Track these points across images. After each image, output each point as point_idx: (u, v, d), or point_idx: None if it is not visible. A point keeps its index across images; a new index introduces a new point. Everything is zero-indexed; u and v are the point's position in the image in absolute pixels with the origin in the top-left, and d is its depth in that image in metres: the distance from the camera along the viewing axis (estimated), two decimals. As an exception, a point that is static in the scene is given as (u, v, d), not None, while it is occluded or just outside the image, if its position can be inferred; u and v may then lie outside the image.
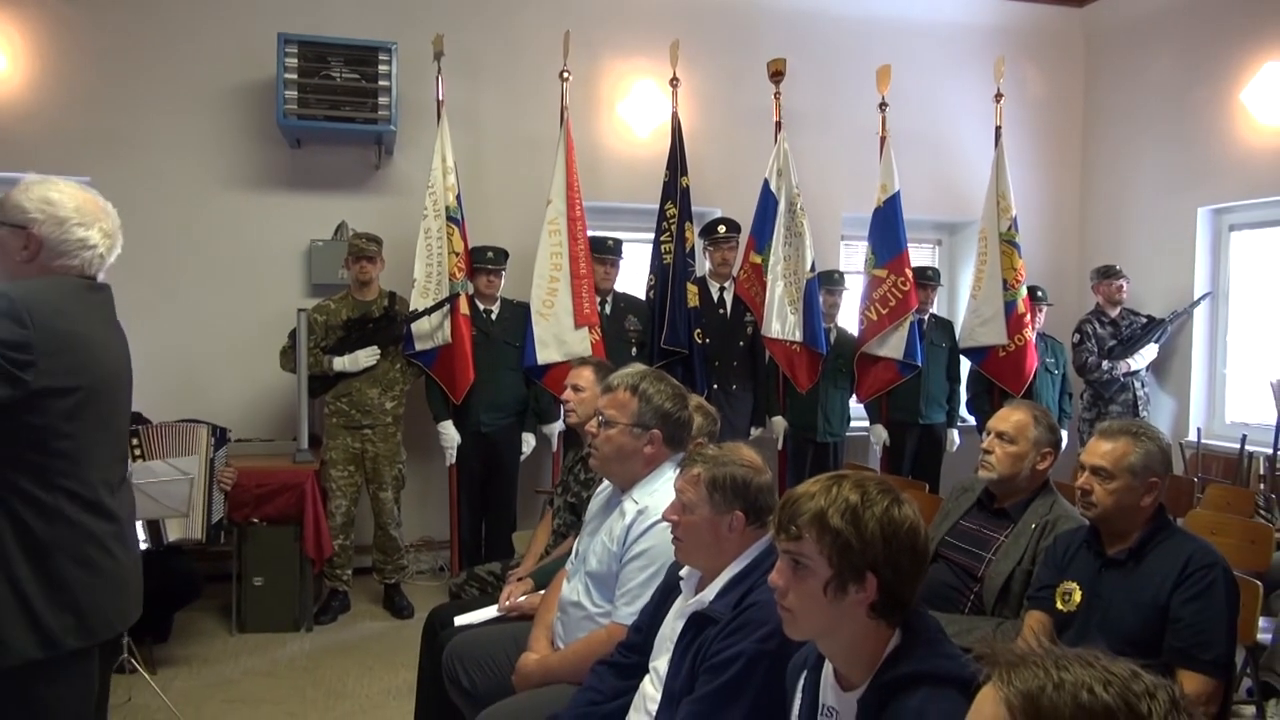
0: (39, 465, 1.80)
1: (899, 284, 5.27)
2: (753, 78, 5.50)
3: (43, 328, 1.77)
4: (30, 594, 1.78)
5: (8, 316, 1.74)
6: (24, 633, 1.77)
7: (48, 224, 1.89)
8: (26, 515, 1.79)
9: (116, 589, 1.94)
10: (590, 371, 3.14)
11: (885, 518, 1.41)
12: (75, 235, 1.91)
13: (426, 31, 4.88)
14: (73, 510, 1.84)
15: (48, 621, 1.79)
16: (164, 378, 4.71)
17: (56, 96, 4.80)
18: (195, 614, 4.36)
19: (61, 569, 1.82)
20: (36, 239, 1.88)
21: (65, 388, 1.81)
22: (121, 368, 2.04)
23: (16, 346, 1.73)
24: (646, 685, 2.03)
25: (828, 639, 1.48)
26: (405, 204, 5.07)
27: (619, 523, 2.39)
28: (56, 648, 1.80)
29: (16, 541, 1.78)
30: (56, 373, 1.79)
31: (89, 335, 1.90)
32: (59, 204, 1.91)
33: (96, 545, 1.89)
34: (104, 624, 1.90)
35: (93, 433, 1.89)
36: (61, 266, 1.91)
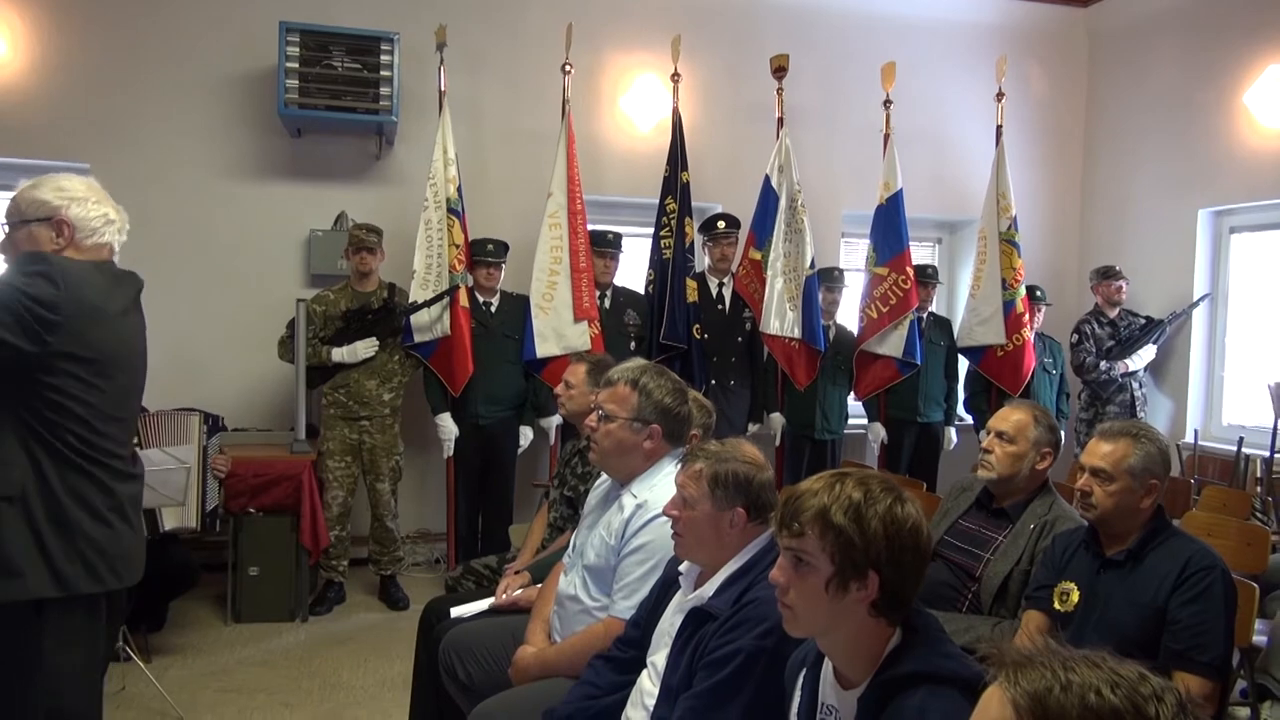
0: (60, 423, 1.93)
1: (900, 282, 5.26)
2: (755, 73, 5.49)
3: (73, 294, 1.90)
4: (46, 535, 1.93)
5: (43, 277, 1.88)
6: (40, 571, 1.92)
7: (72, 206, 2.02)
8: (45, 462, 1.93)
9: (123, 547, 2.05)
10: (584, 369, 3.14)
11: (888, 516, 1.41)
12: (99, 211, 2.05)
13: (429, 22, 4.86)
14: (89, 466, 1.98)
15: (60, 563, 1.94)
16: (162, 366, 4.64)
17: (56, 83, 4.78)
18: (190, 603, 4.35)
19: (75, 519, 1.96)
20: (68, 223, 2.01)
21: (83, 356, 1.94)
22: (137, 357, 2.15)
23: (48, 305, 1.86)
24: (644, 680, 2.03)
25: (828, 636, 1.48)
26: (406, 195, 5.06)
27: (617, 517, 2.38)
28: (68, 587, 1.94)
29: (36, 488, 1.92)
30: (77, 339, 1.92)
31: (112, 313, 2.02)
32: (72, 189, 2.04)
33: (108, 504, 2.02)
34: (111, 573, 2.02)
35: (107, 404, 2.00)
36: (94, 246, 2.05)
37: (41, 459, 1.92)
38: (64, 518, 1.94)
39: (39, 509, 1.92)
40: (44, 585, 1.92)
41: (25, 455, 1.91)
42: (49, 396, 1.91)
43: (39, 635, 1.94)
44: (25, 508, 1.91)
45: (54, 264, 1.91)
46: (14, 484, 1.90)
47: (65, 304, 1.88)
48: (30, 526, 1.91)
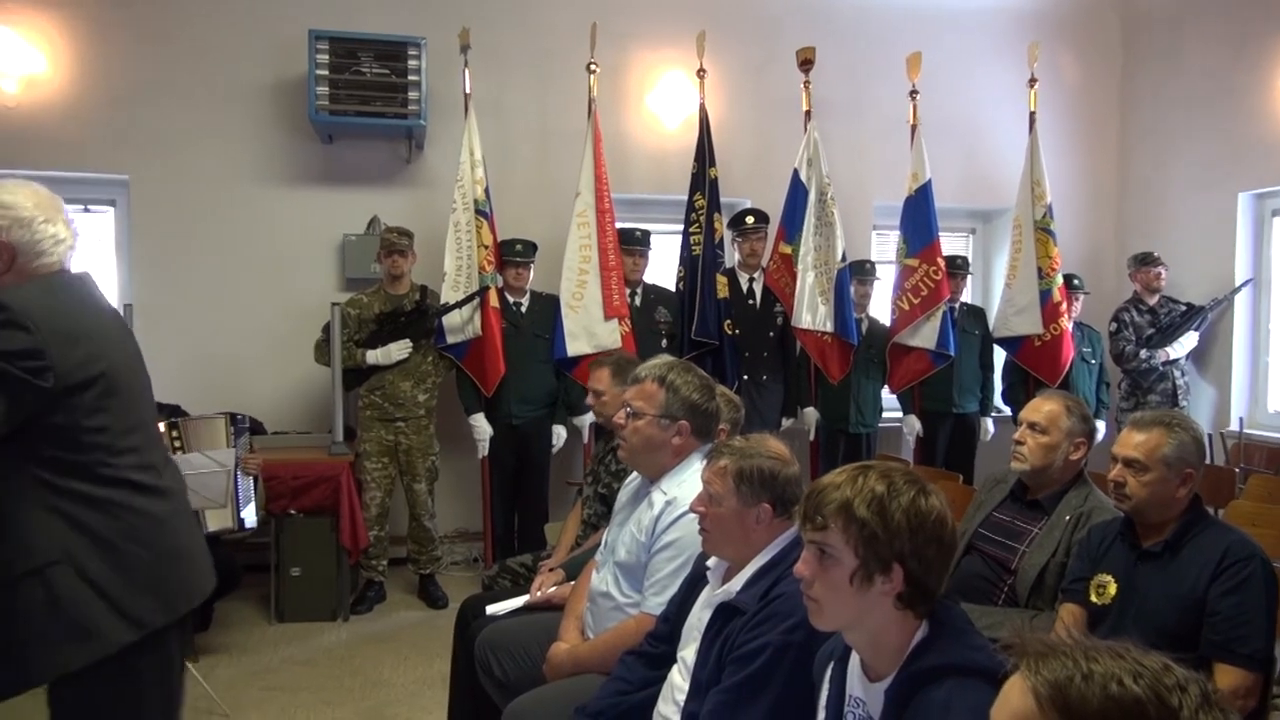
0: (78, 462, 1.81)
1: (931, 273, 5.22)
2: (781, 67, 5.47)
3: (46, 328, 1.74)
4: (107, 585, 1.82)
5: (11, 326, 1.71)
6: (114, 621, 1.82)
7: (14, 227, 1.83)
8: (81, 513, 1.81)
9: (182, 563, 1.97)
10: (607, 373, 3.17)
11: (912, 508, 1.41)
12: (45, 233, 1.86)
13: (454, 25, 4.90)
14: (122, 497, 1.85)
15: (130, 606, 1.84)
16: (202, 372, 4.80)
17: (95, 96, 4.89)
18: (235, 603, 4.44)
19: (128, 555, 1.85)
20: (9, 247, 1.83)
21: (84, 381, 1.80)
22: (130, 353, 2.00)
23: (28, 354, 1.71)
24: (674, 675, 2.04)
25: (854, 630, 1.48)
26: (436, 198, 5.10)
27: (647, 513, 2.40)
28: (145, 627, 1.85)
29: (80, 539, 1.80)
30: (72, 369, 1.78)
31: (90, 324, 1.87)
32: (18, 206, 1.84)
33: (153, 525, 1.91)
34: (182, 598, 1.95)
35: (122, 418, 1.88)
36: (41, 266, 1.86)
37: (74, 511, 1.80)
38: (119, 561, 1.83)
39: (89, 561, 1.80)
40: (122, 632, 1.82)
41: (58, 516, 1.79)
42: (61, 436, 1.79)
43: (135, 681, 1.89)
44: (75, 565, 1.79)
45: (14, 306, 1.73)
46: (53, 548, 1.78)
47: (45, 342, 1.73)
48: (87, 581, 1.80)
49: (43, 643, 1.79)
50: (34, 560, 1.77)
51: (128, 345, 2.01)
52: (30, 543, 1.78)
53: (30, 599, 1.77)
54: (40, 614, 1.77)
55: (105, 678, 1.86)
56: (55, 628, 1.78)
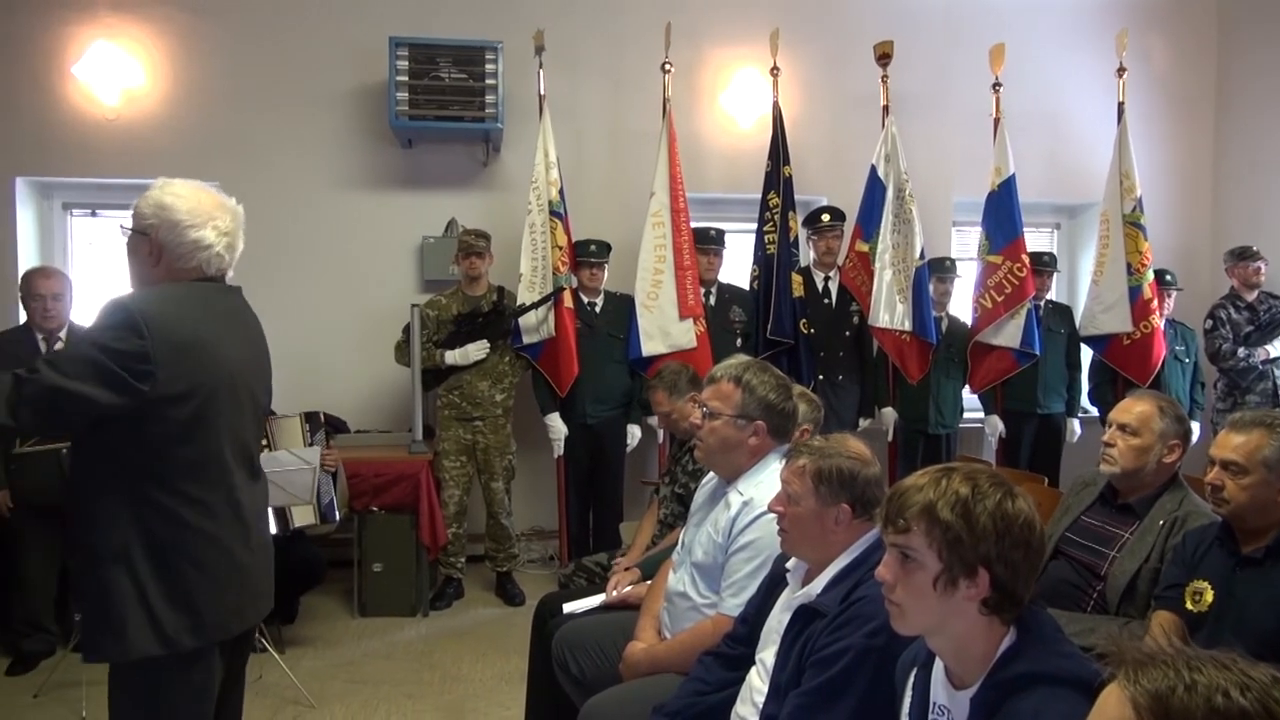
0: (160, 472, 1.87)
1: (1015, 270, 5.09)
2: (857, 62, 5.39)
3: (160, 337, 1.82)
4: (151, 595, 1.86)
5: (126, 328, 1.80)
6: (144, 631, 1.86)
7: (164, 229, 1.93)
8: (150, 520, 1.87)
9: (235, 589, 1.99)
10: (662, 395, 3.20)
11: (998, 511, 1.37)
12: (189, 238, 1.94)
13: (530, 28, 4.95)
14: (192, 515, 1.90)
15: (165, 621, 1.87)
16: (288, 372, 4.91)
17: (187, 105, 5.08)
18: (320, 597, 4.56)
19: (180, 571, 1.89)
20: (157, 244, 1.94)
21: (181, 394, 1.86)
22: (245, 372, 2.04)
23: (136, 357, 1.79)
24: (753, 677, 2.03)
25: (938, 635, 1.45)
26: (512, 200, 5.17)
27: (724, 514, 2.39)
28: (173, 646, 1.89)
29: (140, 544, 1.86)
30: (173, 381, 1.84)
31: (208, 340, 1.92)
32: (173, 208, 1.94)
33: (216, 548, 1.94)
34: (219, 626, 1.96)
35: (213, 438, 1.93)
36: (184, 270, 1.96)
37: (146, 515, 1.86)
38: (169, 574, 1.88)
39: (144, 567, 1.86)
40: (149, 644, 1.86)
41: (128, 514, 1.85)
42: (151, 443, 1.85)
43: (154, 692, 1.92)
44: (129, 567, 1.85)
45: (134, 311, 1.82)
46: (118, 545, 1.85)
47: (155, 349, 1.80)
48: (135, 585, 1.86)
49: (90, 625, 1.90)
50: (99, 553, 1.86)
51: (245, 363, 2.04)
52: (100, 537, 1.86)
53: (88, 587, 1.88)
54: (92, 602, 1.88)
55: (127, 679, 1.92)
56: (99, 618, 1.87)
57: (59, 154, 5.00)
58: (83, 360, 1.78)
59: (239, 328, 2.06)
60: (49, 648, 3.90)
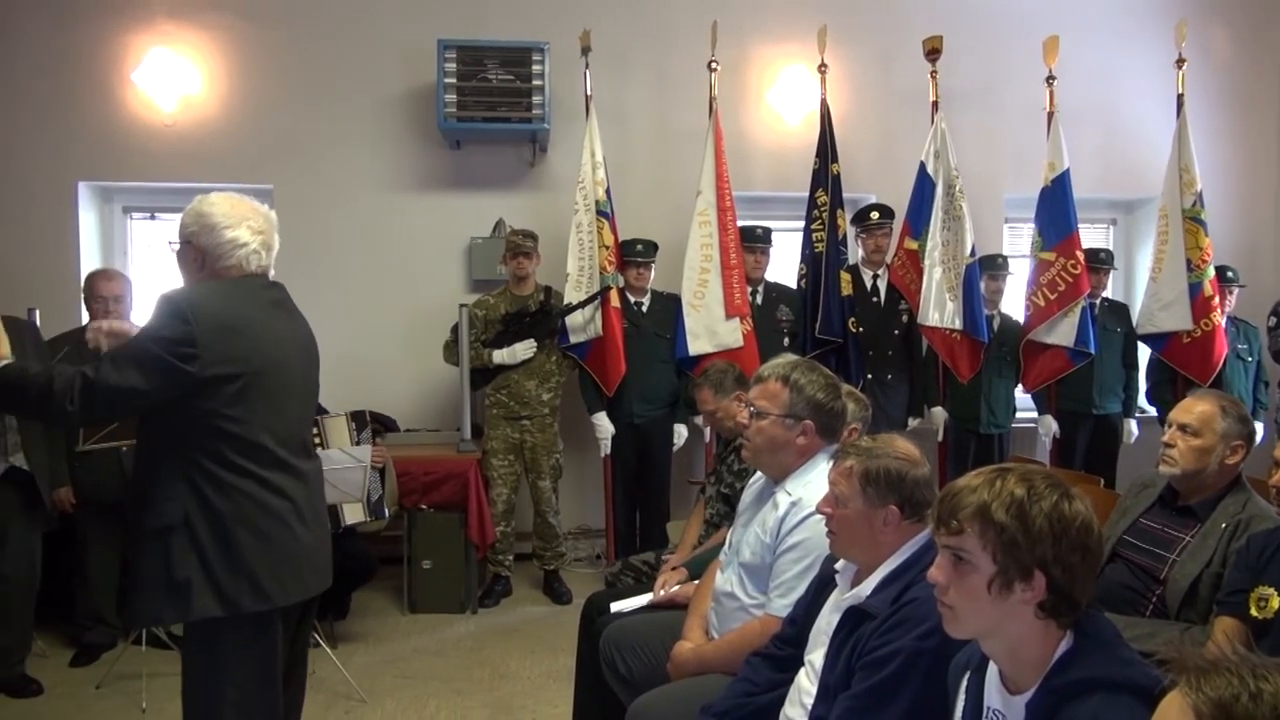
0: (214, 446, 2.04)
1: (1069, 267, 4.99)
2: (906, 58, 5.33)
3: (204, 323, 2.01)
4: (211, 559, 2.02)
5: (172, 316, 2.01)
6: (206, 593, 2.02)
7: (202, 234, 2.14)
8: (207, 490, 2.03)
9: (293, 560, 2.13)
10: (708, 393, 3.18)
11: (1054, 513, 1.34)
12: (226, 237, 2.14)
13: (576, 28, 4.97)
14: (248, 486, 2.06)
15: (226, 585, 2.03)
16: (339, 371, 4.99)
17: (242, 110, 5.19)
18: (371, 594, 4.62)
19: (239, 539, 2.05)
20: (198, 249, 2.15)
21: (229, 374, 2.04)
22: (291, 357, 2.22)
23: (182, 342, 1.98)
24: (801, 678, 2.01)
25: (992, 639, 1.42)
26: (559, 200, 5.19)
27: (772, 514, 2.37)
28: (235, 608, 2.04)
29: (200, 513, 2.02)
30: (219, 361, 2.02)
31: (252, 327, 2.11)
32: (208, 214, 2.15)
33: (271, 518, 2.09)
34: (279, 591, 2.10)
35: (260, 417, 2.09)
36: (225, 269, 2.15)
37: (202, 486, 2.02)
38: (227, 540, 2.03)
39: (204, 533, 2.02)
40: (211, 606, 2.02)
41: (186, 486, 2.02)
42: (203, 420, 2.02)
43: (220, 653, 2.06)
44: (190, 534, 2.01)
45: (180, 301, 2.03)
46: (178, 513, 2.01)
47: (199, 333, 1.99)
48: (196, 551, 2.01)
49: (150, 593, 2.05)
50: (161, 521, 2.03)
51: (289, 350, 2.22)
52: (161, 506, 2.03)
53: (152, 554, 2.03)
54: (155, 569, 2.03)
55: (196, 639, 2.08)
56: (160, 584, 2.03)
57: (119, 159, 5.14)
58: (138, 355, 1.99)
59: (283, 316, 2.24)
60: (110, 640, 4.01)
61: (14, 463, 3.53)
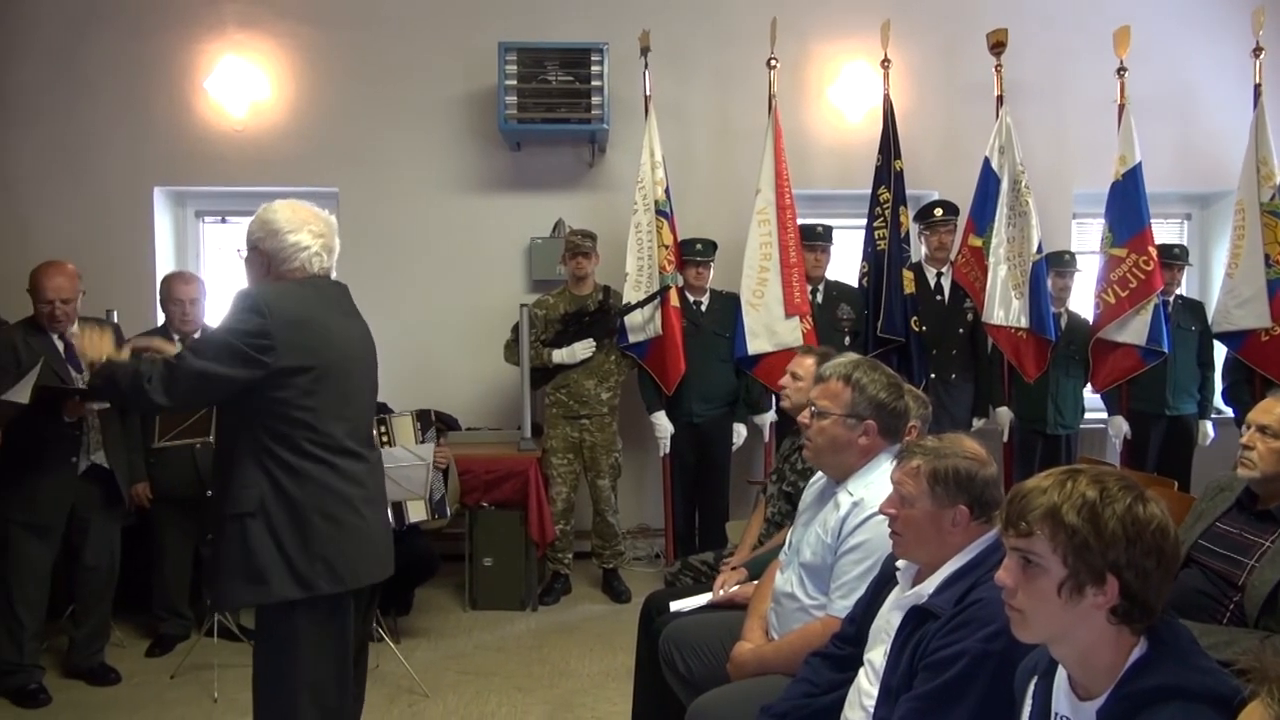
0: (286, 434, 2.15)
1: (1141, 263, 4.85)
2: (970, 51, 5.23)
3: (278, 317, 2.14)
4: (287, 544, 2.14)
5: (249, 310, 2.14)
6: (283, 576, 2.13)
7: (267, 239, 2.27)
8: (280, 476, 2.14)
9: (362, 545, 2.24)
10: (812, 361, 3.09)
11: (1128, 516, 1.30)
12: (289, 241, 2.26)
13: (635, 28, 4.98)
14: (319, 473, 2.17)
15: (302, 567, 2.14)
16: (403, 371, 5.09)
17: (309, 115, 5.31)
18: (433, 590, 4.69)
19: (312, 523, 2.16)
20: (264, 254, 2.27)
21: (301, 366, 2.16)
22: (356, 352, 2.33)
23: (258, 334, 2.11)
24: (862, 679, 1.99)
25: (1061, 644, 1.39)
26: (618, 200, 5.21)
27: (833, 515, 2.35)
28: (310, 589, 2.15)
29: (274, 498, 2.14)
30: (292, 353, 2.14)
31: (321, 323, 2.23)
32: (271, 220, 2.27)
33: (343, 505, 2.20)
34: (351, 574, 2.21)
35: (330, 407, 2.20)
36: (290, 271, 2.27)
37: (277, 474, 2.13)
38: (302, 525, 2.14)
39: (279, 518, 2.13)
40: (288, 588, 2.13)
41: (262, 473, 2.13)
42: (277, 409, 2.14)
43: (294, 635, 2.16)
44: (267, 520, 2.12)
45: (256, 296, 2.16)
46: (254, 500, 2.12)
47: (274, 326, 2.12)
48: (272, 536, 2.12)
49: (230, 577, 2.16)
50: (239, 507, 2.14)
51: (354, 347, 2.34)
52: (239, 493, 2.14)
53: (231, 539, 2.15)
54: (234, 553, 2.14)
55: (270, 622, 2.17)
56: (239, 567, 2.14)
57: (192, 164, 5.29)
58: (218, 345, 2.14)
59: (347, 314, 2.35)
60: (184, 632, 4.14)
61: (95, 460, 3.66)
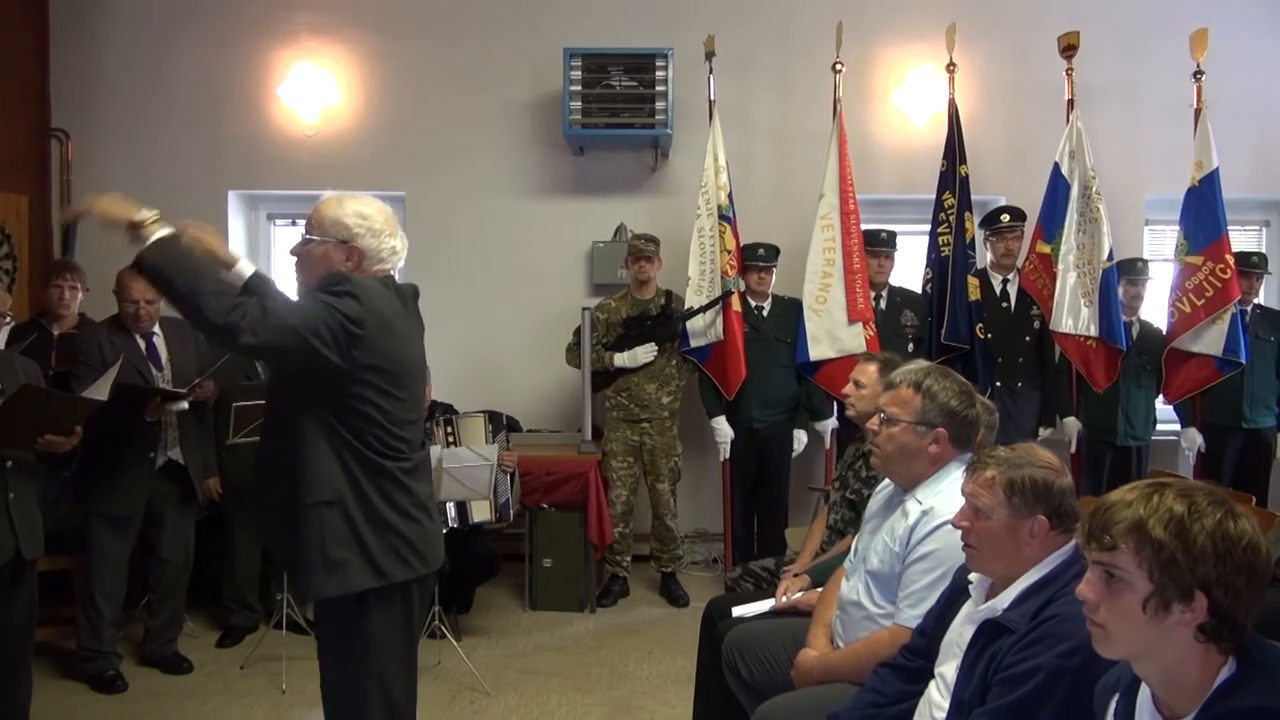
0: (362, 428, 2.12)
1: (1218, 272, 4.71)
2: (1040, 54, 5.14)
3: (372, 309, 2.08)
4: (363, 533, 2.12)
5: (350, 295, 2.05)
6: (360, 565, 2.12)
7: (367, 236, 2.18)
8: (357, 469, 2.12)
9: (426, 535, 2.24)
10: (875, 368, 3.05)
11: (1218, 531, 1.27)
12: (388, 244, 2.22)
13: (700, 33, 4.98)
14: (390, 467, 2.16)
15: (378, 556, 2.13)
16: (466, 372, 5.18)
17: (378, 120, 5.41)
18: (494, 590, 4.74)
19: (386, 514, 2.15)
20: (359, 250, 2.18)
21: (381, 367, 2.11)
22: (418, 357, 2.32)
23: (355, 321, 2.04)
24: (932, 691, 1.97)
25: (1146, 661, 1.36)
26: (680, 204, 5.22)
27: (901, 523, 2.33)
28: (386, 577, 2.14)
29: (351, 492, 2.12)
30: (374, 351, 2.09)
31: (399, 325, 2.19)
32: (372, 218, 2.20)
33: (409, 495, 2.20)
34: (420, 560, 2.21)
35: (401, 409, 2.18)
36: (376, 271, 2.21)
37: (352, 465, 2.11)
38: (377, 516, 2.13)
39: (356, 510, 2.11)
40: (366, 577, 2.12)
41: (338, 463, 2.10)
42: (353, 405, 2.10)
43: (366, 624, 2.16)
44: (344, 509, 2.10)
45: (356, 282, 2.08)
46: (334, 489, 2.10)
47: (368, 319, 2.05)
48: (350, 526, 2.11)
49: (308, 567, 2.12)
50: (317, 495, 2.10)
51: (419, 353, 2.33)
52: (317, 480, 2.11)
53: (308, 528, 2.11)
54: (312, 542, 2.11)
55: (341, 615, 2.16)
56: (317, 557, 2.11)
57: (264, 168, 5.44)
58: (316, 308, 2.02)
59: (415, 318, 2.32)
60: (253, 623, 4.25)
61: (172, 456, 3.79)
